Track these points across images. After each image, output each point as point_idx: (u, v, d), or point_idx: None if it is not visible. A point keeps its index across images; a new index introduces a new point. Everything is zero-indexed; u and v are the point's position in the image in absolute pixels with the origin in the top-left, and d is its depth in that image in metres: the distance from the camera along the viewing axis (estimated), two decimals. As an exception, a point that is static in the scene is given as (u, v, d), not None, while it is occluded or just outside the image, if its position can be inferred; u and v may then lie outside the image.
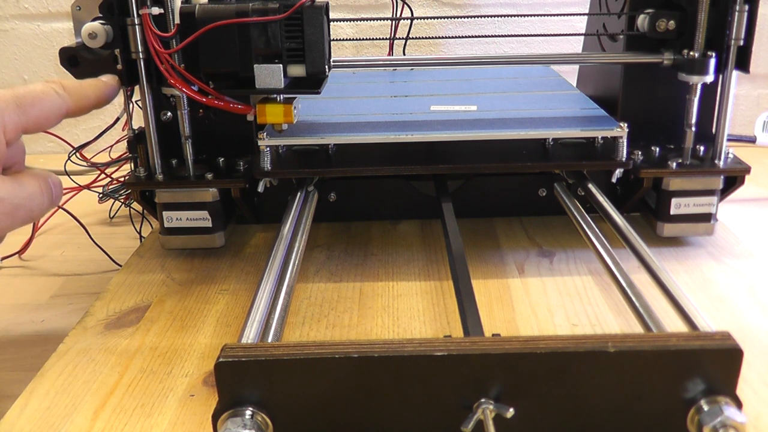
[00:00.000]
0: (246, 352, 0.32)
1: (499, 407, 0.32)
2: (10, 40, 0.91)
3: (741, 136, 0.73)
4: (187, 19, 0.46)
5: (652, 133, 0.57)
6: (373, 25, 0.85)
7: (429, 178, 0.59)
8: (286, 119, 0.49)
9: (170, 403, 0.39)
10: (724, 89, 0.52)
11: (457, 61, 0.60)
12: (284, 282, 0.42)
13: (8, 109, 0.43)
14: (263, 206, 0.60)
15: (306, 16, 0.45)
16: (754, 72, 0.52)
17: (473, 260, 0.54)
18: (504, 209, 0.61)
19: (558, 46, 0.92)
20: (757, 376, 0.40)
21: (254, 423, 0.32)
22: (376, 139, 0.53)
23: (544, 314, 0.47)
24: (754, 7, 0.50)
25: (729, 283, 0.50)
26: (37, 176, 0.44)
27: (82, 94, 0.48)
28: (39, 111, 0.44)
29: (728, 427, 0.31)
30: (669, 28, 0.53)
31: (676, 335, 0.33)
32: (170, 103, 0.51)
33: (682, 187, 0.53)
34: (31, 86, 0.46)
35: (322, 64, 0.46)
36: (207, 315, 0.48)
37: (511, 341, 0.32)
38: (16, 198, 0.42)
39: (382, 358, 0.32)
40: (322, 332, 0.46)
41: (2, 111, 0.42)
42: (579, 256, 0.54)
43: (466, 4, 0.92)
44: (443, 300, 0.49)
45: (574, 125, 0.54)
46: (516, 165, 0.53)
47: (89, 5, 0.49)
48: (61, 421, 0.38)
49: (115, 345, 0.44)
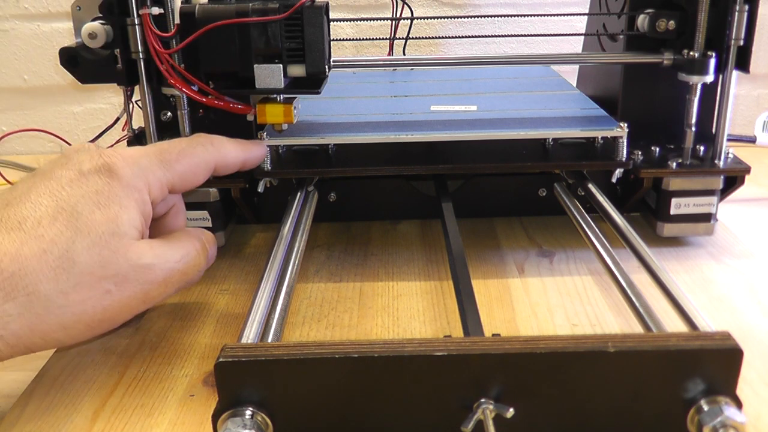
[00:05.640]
0: (246, 352, 0.32)
1: (499, 407, 0.32)
2: (10, 40, 0.91)
3: (741, 136, 0.73)
4: (187, 19, 0.46)
5: (652, 133, 0.57)
6: (373, 25, 0.85)
7: (429, 178, 0.59)
8: (286, 119, 0.49)
9: (170, 403, 0.39)
10: (724, 89, 0.52)
11: (457, 61, 0.60)
12: (284, 282, 0.42)
13: (152, 167, 0.40)
14: (263, 206, 0.60)
15: (306, 16, 0.45)
16: (754, 72, 0.52)
17: (473, 260, 0.54)
18: (504, 209, 0.61)
19: (558, 46, 0.92)
20: (757, 376, 0.40)
21: (254, 423, 0.32)
22: (376, 139, 0.53)
23: (544, 314, 0.47)
24: (754, 7, 0.50)
25: (729, 283, 0.50)
26: (190, 235, 0.42)
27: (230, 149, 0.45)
28: (185, 166, 0.42)
29: (728, 427, 0.31)
30: (669, 28, 0.53)
31: (676, 335, 0.33)
32: (170, 103, 0.51)
33: (682, 187, 0.53)
34: (177, 141, 0.43)
35: (322, 64, 0.46)
36: (207, 315, 0.48)
37: (511, 341, 0.32)
38: (168, 263, 0.39)
39: (382, 358, 0.32)
40: (322, 332, 0.46)
41: (146, 169, 0.40)
42: (579, 256, 0.54)
43: (466, 4, 0.92)
44: (443, 300, 0.49)
45: (574, 125, 0.54)
46: (516, 165, 0.53)
47: (89, 5, 0.49)
48: (61, 421, 0.38)
49: (115, 345, 0.44)
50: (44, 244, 0.35)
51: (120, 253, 0.37)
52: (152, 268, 0.38)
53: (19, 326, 0.34)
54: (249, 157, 0.47)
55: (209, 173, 0.44)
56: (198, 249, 0.42)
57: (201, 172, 0.43)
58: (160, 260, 0.38)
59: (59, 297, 0.35)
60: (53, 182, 0.37)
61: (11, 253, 0.34)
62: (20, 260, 0.34)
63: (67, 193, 0.37)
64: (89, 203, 0.37)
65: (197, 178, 0.43)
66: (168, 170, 0.41)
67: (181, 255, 0.40)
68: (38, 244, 0.35)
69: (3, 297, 0.33)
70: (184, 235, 0.42)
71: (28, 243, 0.35)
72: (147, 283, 0.38)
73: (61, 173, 0.38)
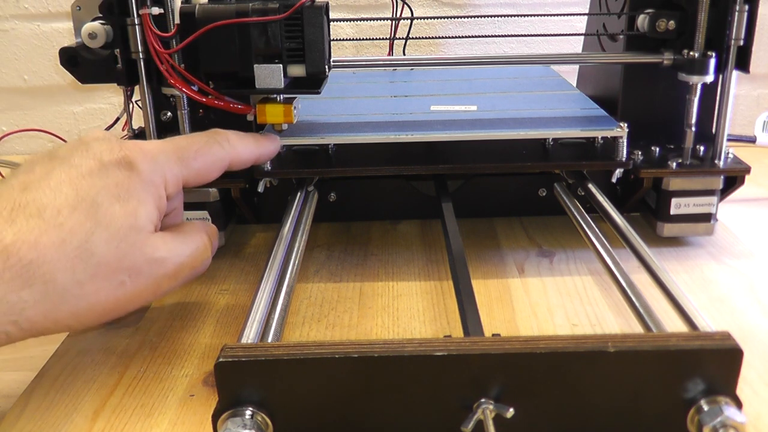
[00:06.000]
0: (246, 352, 0.32)
1: (499, 407, 0.32)
2: (10, 40, 0.91)
3: (741, 136, 0.73)
4: (187, 19, 0.46)
5: (652, 133, 0.57)
6: (373, 25, 0.85)
7: (429, 178, 0.59)
8: (286, 119, 0.49)
9: (170, 403, 0.39)
10: (724, 89, 0.52)
11: (457, 61, 0.60)
12: (284, 282, 0.42)
13: (170, 163, 0.41)
14: (263, 206, 0.60)
15: (306, 16, 0.45)
16: (754, 72, 0.52)
17: (473, 260, 0.54)
18: (504, 209, 0.61)
19: (558, 46, 0.92)
20: (757, 376, 0.40)
21: (254, 423, 0.32)
22: (376, 139, 0.53)
23: (544, 314, 0.47)
24: (754, 7, 0.50)
25: (729, 283, 0.50)
26: (198, 229, 0.43)
27: (245, 146, 0.46)
28: (201, 164, 0.43)
29: (728, 427, 0.31)
30: (669, 28, 0.53)
31: (676, 335, 0.33)
32: (170, 103, 0.51)
33: (682, 187, 0.53)
34: (194, 137, 0.44)
35: (322, 64, 0.46)
36: (207, 315, 0.48)
37: (511, 341, 0.32)
38: (179, 257, 0.40)
39: (382, 358, 0.32)
40: (322, 332, 0.46)
41: (163, 165, 0.40)
42: (579, 256, 0.54)
43: (466, 4, 0.92)
44: (443, 300, 0.49)
45: (574, 125, 0.54)
46: (516, 165, 0.53)
47: (89, 5, 0.49)
48: (61, 421, 0.38)
49: (115, 345, 0.44)
50: (63, 233, 0.35)
51: (137, 246, 0.37)
52: (165, 261, 0.39)
53: (34, 313, 0.35)
54: (263, 153, 0.48)
55: (223, 170, 0.45)
56: (205, 242, 0.43)
57: (216, 169, 0.44)
58: (173, 254, 0.39)
59: (75, 287, 0.35)
60: (73, 170, 0.38)
61: (30, 241, 0.34)
62: (39, 248, 0.34)
63: (88, 184, 0.37)
64: (109, 195, 0.37)
65: (211, 175, 0.44)
66: (185, 167, 0.42)
67: (191, 250, 0.41)
68: (57, 234, 0.35)
69: (20, 284, 0.34)
70: (192, 229, 0.43)
71: (47, 232, 0.35)
72: (159, 276, 0.39)
73: (81, 161, 0.38)
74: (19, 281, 0.34)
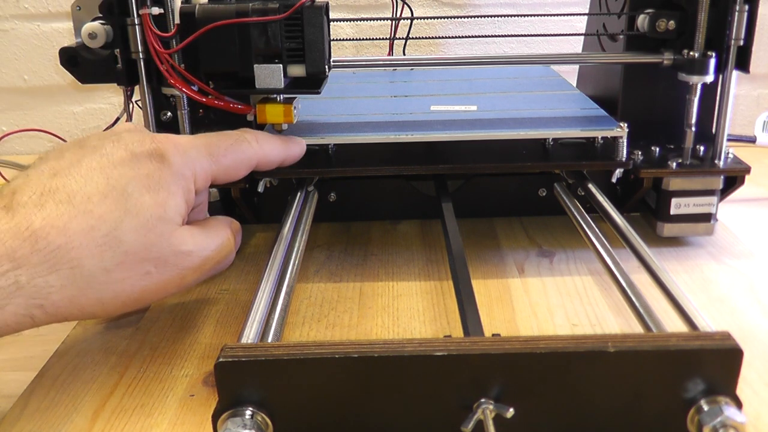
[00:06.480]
0: (246, 352, 0.32)
1: (499, 407, 0.32)
2: (10, 40, 0.91)
3: (741, 136, 0.73)
4: (187, 19, 0.46)
5: (652, 133, 0.57)
6: (373, 25, 0.85)
7: (429, 178, 0.59)
8: (286, 119, 0.49)
9: (170, 403, 0.39)
10: (724, 89, 0.52)
11: (457, 61, 0.60)
12: (284, 282, 0.42)
13: (200, 158, 0.41)
14: (263, 206, 0.60)
15: (306, 16, 0.45)
16: (754, 72, 0.52)
17: (473, 260, 0.54)
18: (504, 209, 0.61)
19: (558, 46, 0.92)
20: (757, 376, 0.40)
21: (254, 423, 0.32)
22: (376, 139, 0.53)
23: (544, 314, 0.47)
24: (754, 7, 0.50)
25: (729, 283, 0.50)
26: (223, 224, 0.43)
27: (273, 147, 0.46)
28: (231, 161, 0.43)
29: (728, 427, 0.31)
30: (669, 28, 0.53)
31: (676, 335, 0.33)
32: (170, 103, 0.51)
33: (682, 187, 0.53)
34: (225, 134, 0.44)
35: (322, 64, 0.46)
36: (207, 315, 0.48)
37: (511, 341, 0.32)
38: (204, 251, 0.40)
39: (382, 358, 0.32)
40: (322, 332, 0.46)
41: (194, 159, 0.41)
42: (579, 256, 0.54)
43: (466, 4, 0.92)
44: (443, 300, 0.49)
45: (574, 125, 0.54)
46: (516, 165, 0.53)
47: (89, 5, 0.49)
48: (61, 421, 0.38)
49: (115, 345, 0.44)
50: (92, 220, 0.35)
51: (164, 237, 0.38)
52: (191, 254, 0.39)
53: (60, 297, 0.35)
54: (289, 155, 0.49)
55: (251, 169, 0.46)
56: (230, 238, 0.43)
57: (244, 168, 0.45)
58: (199, 248, 0.40)
59: (102, 273, 0.36)
60: (104, 159, 0.38)
61: (59, 226, 0.35)
62: (67, 234, 0.35)
63: (119, 173, 0.37)
64: (139, 185, 0.38)
65: (239, 173, 0.45)
66: (214, 163, 0.42)
67: (216, 244, 0.41)
68: (86, 220, 0.35)
69: (48, 269, 0.34)
70: (218, 224, 0.43)
71: (76, 218, 0.35)
72: (184, 269, 0.39)
73: (112, 151, 0.38)
74: (46, 265, 0.34)
